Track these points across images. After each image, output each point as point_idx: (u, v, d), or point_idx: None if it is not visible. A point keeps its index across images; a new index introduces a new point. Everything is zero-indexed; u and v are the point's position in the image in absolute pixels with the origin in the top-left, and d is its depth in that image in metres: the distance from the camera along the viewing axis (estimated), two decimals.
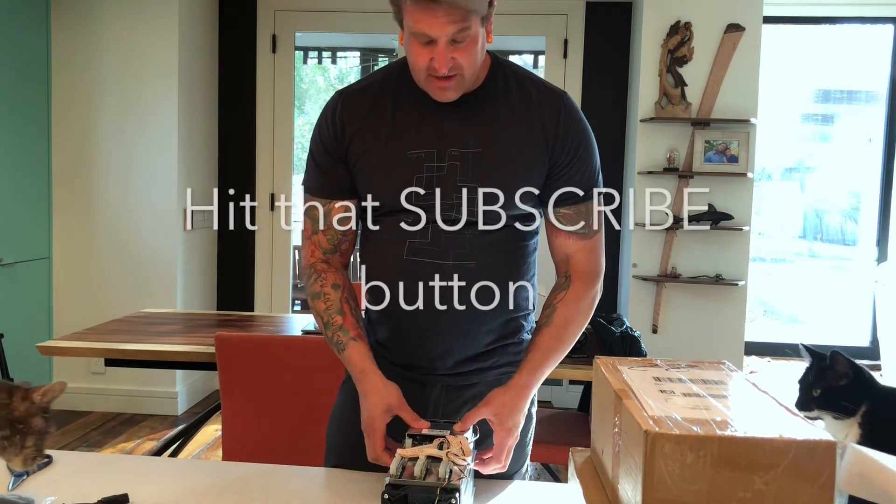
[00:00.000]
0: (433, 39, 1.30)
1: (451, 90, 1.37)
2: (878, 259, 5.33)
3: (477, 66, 1.39)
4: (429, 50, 1.32)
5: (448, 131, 1.42)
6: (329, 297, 1.47)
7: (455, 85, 1.37)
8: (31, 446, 1.18)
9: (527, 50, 5.20)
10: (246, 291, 4.84)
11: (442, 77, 1.34)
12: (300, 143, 5.26)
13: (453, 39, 1.31)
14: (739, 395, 1.05)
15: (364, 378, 1.40)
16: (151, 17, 4.22)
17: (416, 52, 1.34)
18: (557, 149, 1.44)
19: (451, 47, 1.31)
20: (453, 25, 1.29)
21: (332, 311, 1.45)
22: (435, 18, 1.27)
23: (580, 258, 1.49)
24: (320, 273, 1.49)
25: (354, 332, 1.44)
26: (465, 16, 1.29)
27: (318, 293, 1.48)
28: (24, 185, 4.08)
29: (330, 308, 1.45)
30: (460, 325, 1.45)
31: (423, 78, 1.37)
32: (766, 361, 5.38)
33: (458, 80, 1.36)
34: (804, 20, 5.32)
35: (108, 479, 1.36)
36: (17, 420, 1.16)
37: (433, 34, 1.29)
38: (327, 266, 1.51)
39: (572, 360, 2.58)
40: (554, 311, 1.47)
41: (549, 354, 1.45)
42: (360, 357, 1.42)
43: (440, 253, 1.43)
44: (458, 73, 1.35)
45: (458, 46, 1.32)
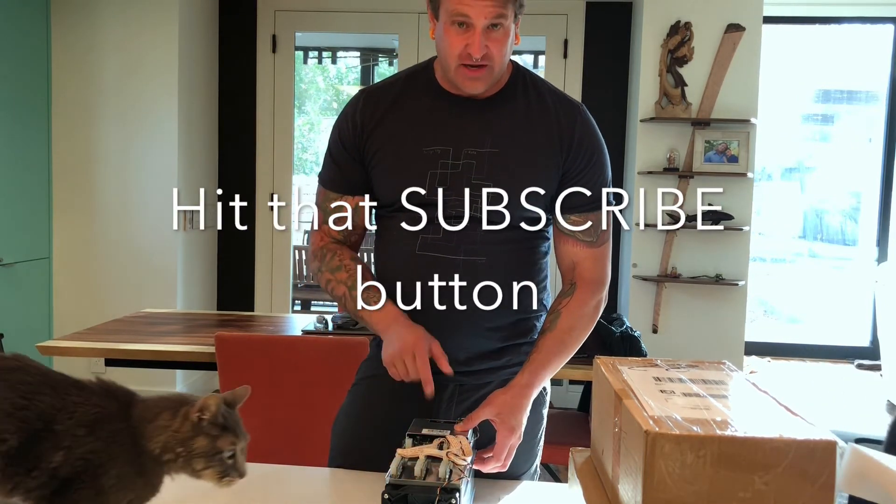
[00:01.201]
0: (471, 24, 1.36)
1: (480, 80, 1.42)
2: (878, 259, 5.34)
3: (505, 61, 1.44)
4: (465, 36, 1.37)
5: (465, 130, 1.47)
6: (350, 267, 1.50)
7: (485, 75, 1.42)
8: (208, 468, 1.07)
9: (527, 50, 5.20)
10: (246, 291, 4.84)
11: (473, 66, 1.39)
12: (300, 143, 5.26)
13: (491, 25, 1.36)
14: (739, 395, 1.05)
15: (404, 319, 1.43)
16: (151, 17, 4.22)
17: (451, 38, 1.39)
18: (571, 156, 1.48)
19: (487, 34, 1.37)
20: (493, 9, 1.35)
21: (356, 278, 1.48)
22: (477, 1, 1.34)
23: (587, 266, 1.52)
24: (335, 251, 1.53)
25: (382, 293, 1.47)
26: (505, 3, 1.35)
27: (339, 266, 1.51)
28: (24, 185, 4.08)
29: (353, 275, 1.49)
30: (471, 320, 1.46)
31: (455, 66, 1.41)
32: (766, 361, 5.38)
33: (488, 71, 1.41)
34: (804, 20, 5.32)
35: None
36: (181, 442, 1.06)
37: (473, 16, 1.35)
38: (339, 247, 1.55)
39: (572, 360, 2.58)
40: (558, 317, 1.49)
41: (551, 357, 1.46)
42: (392, 309, 1.44)
43: (451, 248, 1.46)
44: (489, 65, 1.40)
45: (493, 36, 1.38)
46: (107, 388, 1.10)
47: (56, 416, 1.03)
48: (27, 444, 1.01)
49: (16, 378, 1.05)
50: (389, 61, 6.20)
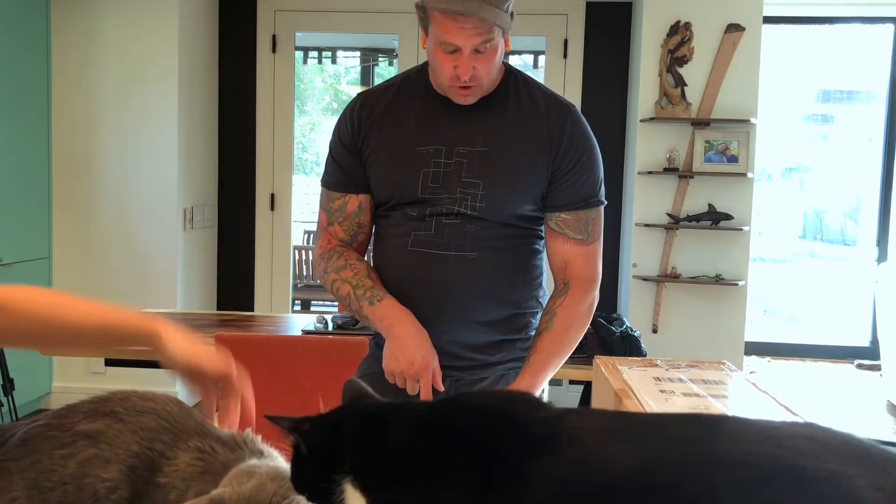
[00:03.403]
0: (458, 48, 1.39)
1: (470, 96, 1.47)
2: (878, 259, 5.33)
3: (494, 74, 1.48)
4: (453, 58, 1.41)
5: (458, 131, 1.50)
6: (356, 266, 1.54)
7: (475, 91, 1.46)
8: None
9: (527, 50, 5.20)
10: (246, 291, 4.84)
11: (463, 85, 1.44)
12: (300, 143, 5.26)
13: (477, 49, 1.39)
14: (739, 395, 1.05)
15: (409, 318, 1.45)
16: (151, 17, 4.22)
17: (440, 60, 1.43)
18: (561, 155, 1.50)
19: (474, 56, 1.40)
20: (479, 37, 1.37)
21: (360, 276, 1.51)
22: (463, 30, 1.36)
23: (578, 264, 1.53)
24: (341, 253, 1.57)
25: (386, 291, 1.50)
26: (491, 28, 1.38)
27: (344, 265, 1.54)
28: (24, 185, 4.08)
29: (358, 273, 1.52)
30: (462, 314, 1.49)
31: (447, 85, 1.46)
32: (766, 361, 5.38)
33: (478, 88, 1.46)
34: (804, 20, 5.32)
35: None
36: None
37: (459, 44, 1.38)
38: (346, 248, 1.58)
39: (572, 360, 2.58)
40: (554, 317, 1.51)
41: (549, 358, 1.48)
42: (398, 305, 1.47)
43: (443, 244, 1.48)
44: (478, 84, 1.44)
45: (481, 58, 1.41)
46: (234, 440, 1.03)
47: (163, 466, 0.98)
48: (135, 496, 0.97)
49: (140, 422, 1.02)
50: (389, 61, 6.20)
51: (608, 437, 0.71)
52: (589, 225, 1.53)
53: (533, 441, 0.72)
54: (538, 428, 0.74)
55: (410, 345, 1.41)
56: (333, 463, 0.79)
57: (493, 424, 0.76)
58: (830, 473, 0.63)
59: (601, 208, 1.56)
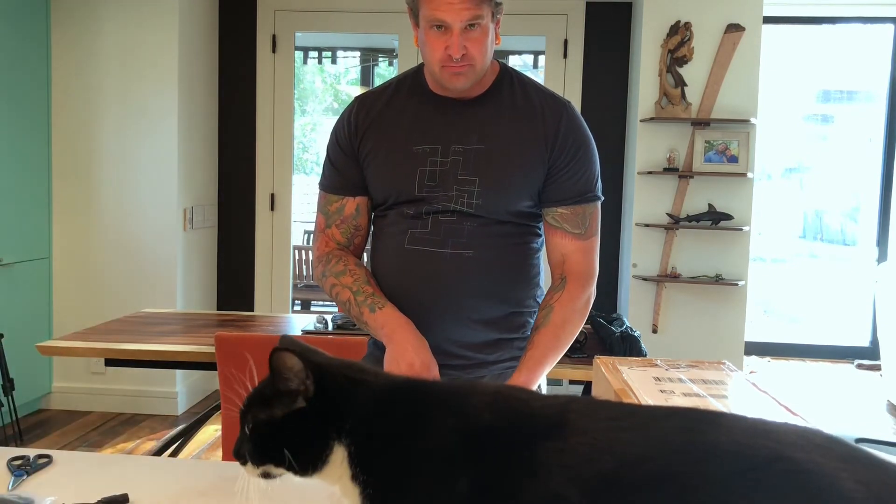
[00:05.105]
0: (448, 26, 1.40)
1: (463, 75, 1.46)
2: (878, 259, 5.34)
3: (487, 60, 1.48)
4: (444, 39, 1.42)
5: (453, 129, 1.51)
6: (355, 272, 1.54)
7: (467, 71, 1.46)
8: None
9: (527, 50, 5.20)
10: (246, 291, 4.84)
11: (455, 64, 1.43)
12: (300, 143, 5.26)
13: (468, 25, 1.40)
14: (739, 395, 1.05)
15: (409, 326, 1.44)
16: (151, 17, 4.22)
17: (431, 42, 1.44)
18: (556, 151, 1.51)
19: (465, 35, 1.41)
20: (468, 12, 1.39)
21: (360, 282, 1.51)
22: (451, 5, 1.39)
23: (576, 259, 1.54)
24: (340, 256, 1.57)
25: (386, 299, 1.50)
26: (479, 4, 1.39)
27: (343, 270, 1.54)
28: (24, 185, 4.08)
29: (358, 280, 1.52)
30: (458, 312, 1.49)
31: (438, 69, 1.46)
32: (766, 361, 5.38)
33: (470, 69, 1.45)
34: (804, 20, 5.32)
35: (108, 479, 1.36)
36: None
37: (449, 20, 1.40)
38: (344, 252, 1.58)
39: (572, 360, 2.58)
40: (551, 311, 1.51)
41: (547, 353, 1.48)
42: (399, 313, 1.47)
43: (439, 242, 1.49)
44: (470, 64, 1.44)
45: (471, 36, 1.42)
46: None
47: None
48: None
49: None
50: (389, 61, 6.20)
51: (613, 427, 0.77)
52: (586, 220, 1.53)
53: (543, 427, 0.78)
54: (548, 414, 0.79)
55: (410, 351, 1.41)
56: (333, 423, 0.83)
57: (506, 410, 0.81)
58: (816, 466, 0.69)
59: (598, 203, 1.56)
